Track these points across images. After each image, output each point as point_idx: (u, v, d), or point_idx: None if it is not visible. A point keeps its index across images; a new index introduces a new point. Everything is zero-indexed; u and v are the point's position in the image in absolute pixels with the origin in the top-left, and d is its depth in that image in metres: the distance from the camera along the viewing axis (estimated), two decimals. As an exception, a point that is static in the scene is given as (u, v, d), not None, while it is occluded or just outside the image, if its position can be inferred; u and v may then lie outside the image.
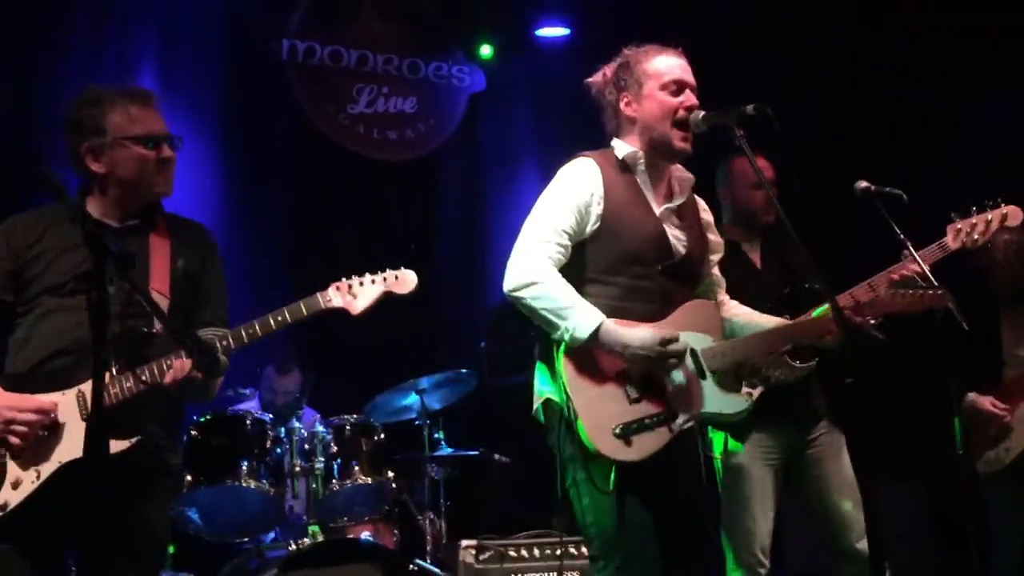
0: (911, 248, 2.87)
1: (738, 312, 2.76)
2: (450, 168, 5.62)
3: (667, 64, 2.63)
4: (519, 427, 4.78)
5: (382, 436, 3.76)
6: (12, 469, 2.30)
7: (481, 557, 3.68)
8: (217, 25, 4.94)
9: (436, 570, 3.57)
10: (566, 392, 2.43)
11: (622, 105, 2.63)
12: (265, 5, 5.12)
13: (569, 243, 2.51)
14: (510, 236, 5.87)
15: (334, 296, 2.50)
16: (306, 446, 3.61)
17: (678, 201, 2.63)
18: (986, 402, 3.72)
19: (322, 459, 3.57)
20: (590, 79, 2.75)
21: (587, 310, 2.41)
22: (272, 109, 5.08)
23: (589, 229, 2.52)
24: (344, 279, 2.54)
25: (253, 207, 5.02)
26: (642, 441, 2.41)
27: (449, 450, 4.21)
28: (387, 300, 2.55)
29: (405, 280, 2.55)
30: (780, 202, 3.26)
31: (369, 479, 3.61)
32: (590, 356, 2.44)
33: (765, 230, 3.38)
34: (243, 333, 2.43)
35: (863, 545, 3.12)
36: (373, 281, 2.55)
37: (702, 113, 2.59)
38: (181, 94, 4.80)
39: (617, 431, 2.39)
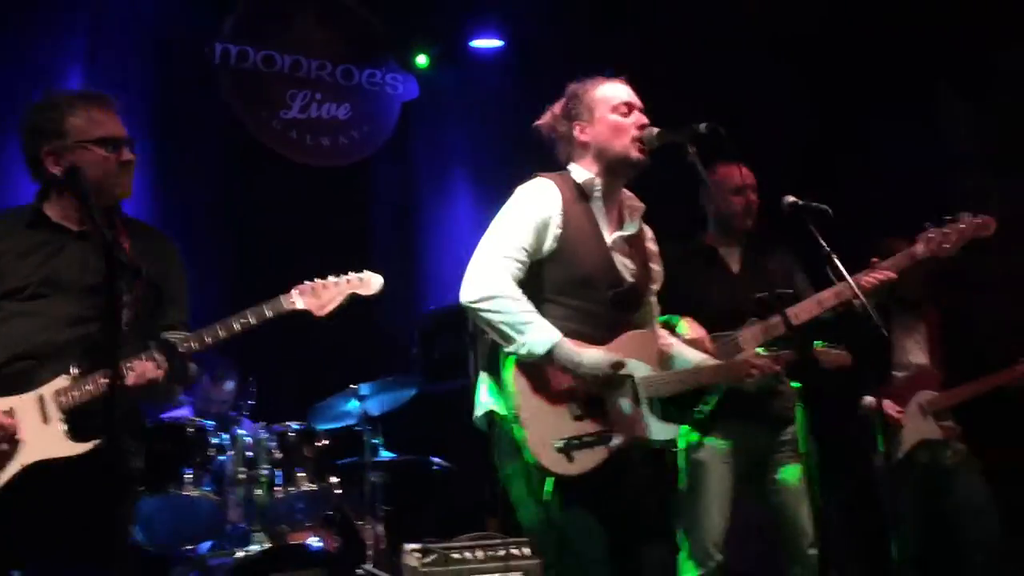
0: (839, 266, 3.01)
1: (667, 343, 2.89)
2: (383, 175, 5.62)
3: (615, 90, 2.78)
4: (456, 432, 4.84)
5: (325, 442, 3.77)
6: None
7: (425, 560, 3.67)
8: (147, 26, 4.85)
9: (383, 574, 3.59)
10: (513, 404, 2.53)
11: (576, 132, 2.75)
12: (197, 7, 5.04)
13: (528, 260, 2.61)
14: (442, 244, 5.91)
15: (298, 298, 2.53)
16: (249, 453, 3.58)
17: (629, 230, 2.75)
18: (885, 405, 3.97)
19: (266, 466, 3.55)
20: (538, 121, 2.87)
21: (544, 327, 2.52)
22: (202, 113, 5.00)
23: (546, 248, 2.62)
24: (307, 281, 2.56)
25: (181, 212, 4.92)
26: (581, 457, 2.52)
27: (388, 455, 4.23)
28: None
29: (370, 282, 2.60)
30: (758, 208, 3.47)
31: (313, 486, 3.62)
32: (539, 372, 2.55)
33: (745, 236, 3.52)
34: (205, 336, 2.43)
35: (814, 552, 3.29)
36: (336, 283, 2.58)
37: (656, 129, 2.74)
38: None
39: (558, 445, 2.50)
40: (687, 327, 3.30)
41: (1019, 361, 4.06)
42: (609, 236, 2.72)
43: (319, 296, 2.57)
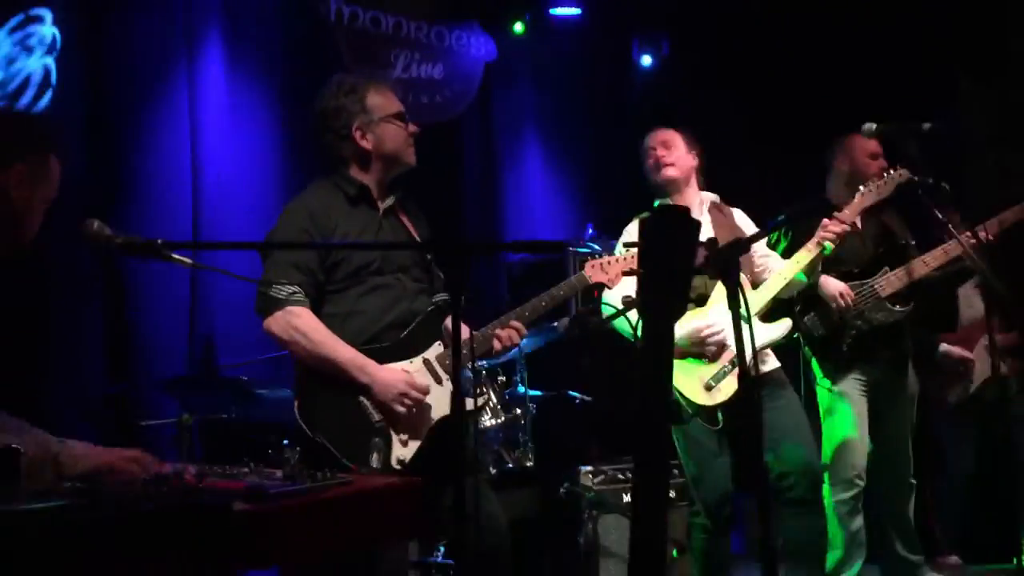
0: (953, 231, 3.64)
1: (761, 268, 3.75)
2: (466, 133, 5.97)
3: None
4: (556, 371, 5.26)
5: (503, 378, 4.21)
6: (394, 432, 2.67)
7: (595, 480, 4.23)
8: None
9: (579, 490, 4.09)
10: None
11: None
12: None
13: None
14: (519, 198, 6.23)
15: (593, 273, 3.06)
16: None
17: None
18: (956, 350, 4.67)
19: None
20: None
21: None
22: (324, 70, 5.22)
23: None
24: (591, 258, 3.10)
25: (306, 163, 5.15)
26: (726, 386, 3.33)
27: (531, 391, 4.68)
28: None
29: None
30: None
31: (503, 417, 4.07)
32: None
33: None
34: (525, 311, 2.95)
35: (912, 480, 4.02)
36: (618, 260, 3.12)
37: (874, 125, 3.50)
38: (245, 52, 4.90)
39: (706, 384, 3.33)
40: (826, 283, 3.92)
41: None
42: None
43: (607, 272, 3.11)
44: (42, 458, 1.70)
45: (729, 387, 3.36)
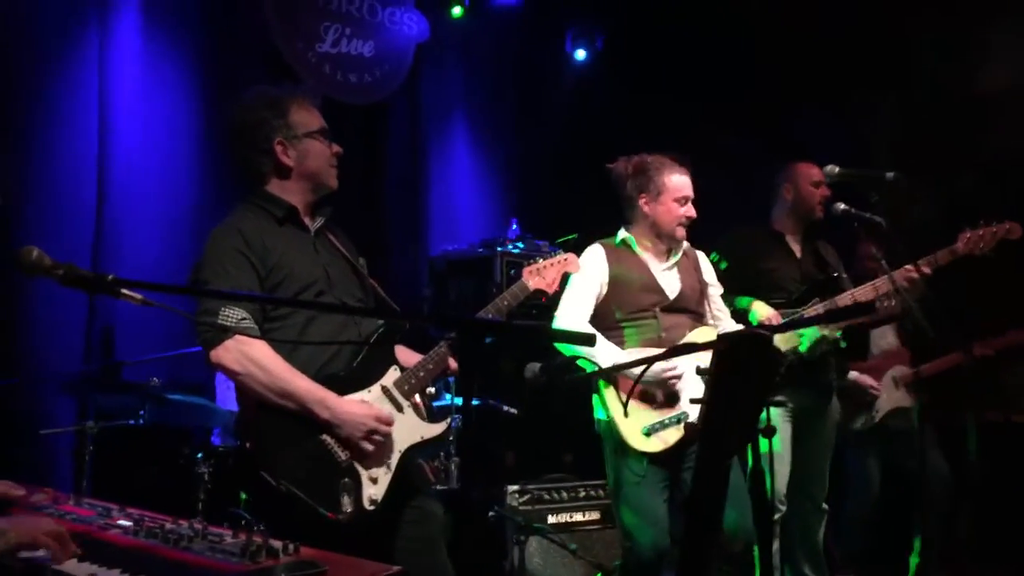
0: (887, 268, 3.67)
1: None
2: (395, 117, 5.66)
3: (682, 182, 3.47)
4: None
5: (432, 390, 3.98)
6: (362, 470, 2.45)
7: (522, 499, 4.08)
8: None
9: (507, 514, 3.93)
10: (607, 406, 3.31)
11: (641, 203, 3.45)
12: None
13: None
14: (445, 188, 5.98)
15: (532, 279, 2.95)
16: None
17: (672, 260, 3.53)
18: (866, 379, 4.72)
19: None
20: (612, 165, 3.50)
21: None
22: (249, 41, 4.84)
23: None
24: (528, 263, 3.00)
25: (224, 147, 4.76)
26: (668, 436, 3.25)
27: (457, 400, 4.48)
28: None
29: (575, 261, 3.10)
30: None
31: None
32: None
33: (809, 225, 4.05)
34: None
35: (826, 506, 4.02)
36: (553, 264, 3.02)
37: (837, 168, 3.64)
38: (162, 20, 4.47)
39: (645, 431, 3.22)
40: (759, 308, 3.88)
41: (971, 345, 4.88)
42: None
43: (545, 276, 2.96)
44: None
45: (670, 437, 3.24)
